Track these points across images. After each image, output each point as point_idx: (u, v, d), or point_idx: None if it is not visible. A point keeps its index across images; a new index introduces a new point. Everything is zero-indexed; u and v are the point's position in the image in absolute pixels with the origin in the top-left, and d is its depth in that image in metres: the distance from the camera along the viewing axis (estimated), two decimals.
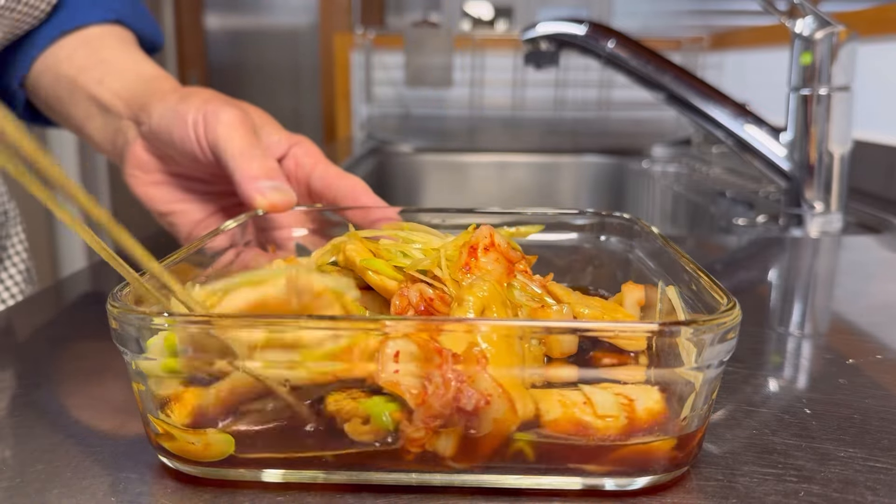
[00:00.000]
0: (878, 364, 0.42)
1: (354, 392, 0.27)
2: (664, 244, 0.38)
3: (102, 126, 0.55)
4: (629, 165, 1.45)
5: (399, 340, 0.26)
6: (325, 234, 0.47)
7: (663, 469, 0.28)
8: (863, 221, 0.85)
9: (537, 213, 0.46)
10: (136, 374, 0.28)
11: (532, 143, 1.70)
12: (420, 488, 0.28)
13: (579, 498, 0.28)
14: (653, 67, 0.87)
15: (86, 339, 0.46)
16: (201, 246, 0.38)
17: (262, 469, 0.28)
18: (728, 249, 0.73)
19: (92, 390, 0.37)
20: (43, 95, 0.60)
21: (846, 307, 0.55)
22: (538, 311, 0.32)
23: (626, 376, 0.28)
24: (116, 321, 0.28)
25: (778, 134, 0.83)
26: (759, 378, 0.40)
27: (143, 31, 0.62)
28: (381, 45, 1.86)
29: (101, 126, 0.55)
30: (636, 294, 0.38)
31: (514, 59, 1.83)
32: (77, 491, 0.28)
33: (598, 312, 0.35)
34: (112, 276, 0.61)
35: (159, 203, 0.52)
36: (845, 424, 0.34)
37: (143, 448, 0.31)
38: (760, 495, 0.28)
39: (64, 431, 0.33)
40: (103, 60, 0.56)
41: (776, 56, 1.35)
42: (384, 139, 1.66)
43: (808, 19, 0.78)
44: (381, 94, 1.89)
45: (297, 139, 0.51)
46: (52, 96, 0.58)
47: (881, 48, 1.04)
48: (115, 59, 0.56)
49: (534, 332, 0.29)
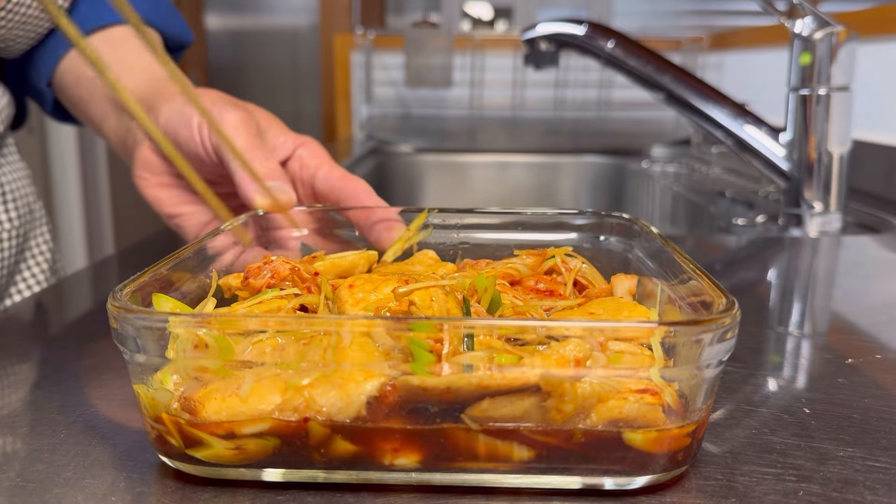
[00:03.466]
0: (878, 364, 0.42)
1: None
2: (664, 244, 0.38)
3: (116, 126, 0.56)
4: (629, 165, 1.45)
5: None
6: (325, 234, 0.47)
7: (661, 468, 0.28)
8: (862, 221, 0.85)
9: (537, 212, 0.46)
10: (138, 375, 0.28)
11: (532, 143, 1.70)
12: (420, 488, 0.28)
13: (579, 497, 0.28)
14: (652, 67, 0.87)
15: (86, 338, 0.46)
16: (202, 246, 0.38)
17: (262, 469, 0.28)
18: (727, 249, 0.73)
19: (92, 390, 0.37)
20: (68, 94, 0.62)
21: (845, 307, 0.55)
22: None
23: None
24: (116, 321, 0.28)
25: (777, 134, 0.83)
26: (759, 378, 0.40)
27: (168, 30, 0.63)
28: (381, 45, 1.86)
29: (115, 126, 0.56)
30: (626, 284, 0.38)
31: (513, 59, 1.83)
32: (77, 491, 0.28)
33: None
34: (112, 276, 0.61)
35: (167, 205, 0.52)
36: (844, 424, 0.34)
37: (144, 448, 0.31)
38: (760, 495, 0.28)
39: (64, 431, 0.33)
40: (121, 61, 0.57)
41: (775, 56, 1.35)
42: (384, 139, 1.66)
43: (808, 19, 0.78)
44: (381, 95, 1.89)
45: (302, 140, 0.51)
46: (76, 96, 0.60)
47: (881, 48, 1.04)
48: (132, 60, 0.57)
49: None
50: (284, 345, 0.28)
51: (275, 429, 0.27)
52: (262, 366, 0.28)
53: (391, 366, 0.27)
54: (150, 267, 0.33)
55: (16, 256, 0.68)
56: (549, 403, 0.27)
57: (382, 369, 0.27)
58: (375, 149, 1.59)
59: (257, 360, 0.28)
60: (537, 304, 0.35)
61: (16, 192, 0.67)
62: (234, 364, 0.28)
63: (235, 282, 0.38)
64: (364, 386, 0.27)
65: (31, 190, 0.71)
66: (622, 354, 0.28)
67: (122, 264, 0.66)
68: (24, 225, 0.68)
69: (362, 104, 1.89)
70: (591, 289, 0.39)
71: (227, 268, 0.41)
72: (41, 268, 0.71)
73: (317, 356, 0.27)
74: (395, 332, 0.27)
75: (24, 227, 0.68)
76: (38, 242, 0.72)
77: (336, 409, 0.27)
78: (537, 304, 0.35)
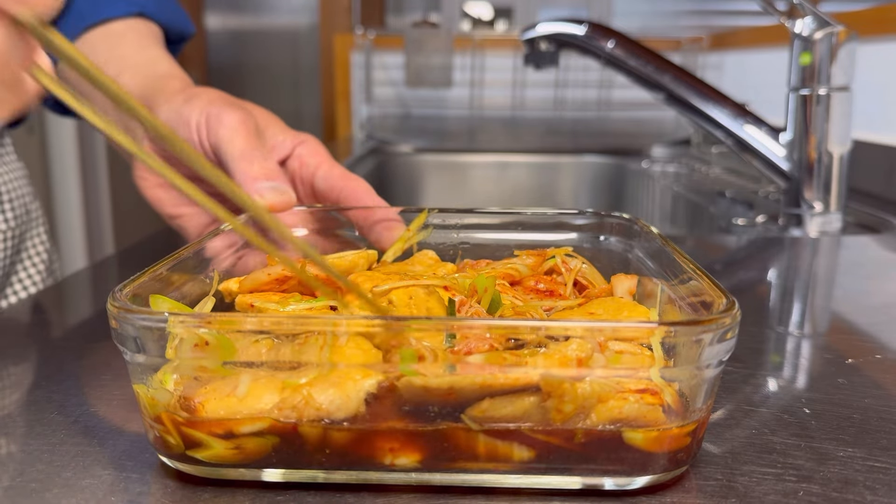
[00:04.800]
0: (878, 364, 0.42)
1: None
2: (664, 244, 0.38)
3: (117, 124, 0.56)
4: (629, 165, 1.45)
5: None
6: (326, 234, 0.47)
7: (661, 468, 0.28)
8: (862, 221, 0.85)
9: (537, 213, 0.46)
10: (137, 375, 0.28)
11: (532, 143, 1.70)
12: (420, 488, 0.28)
13: (579, 497, 0.28)
14: (652, 68, 0.87)
15: (86, 338, 0.46)
16: (201, 246, 0.38)
17: (262, 469, 0.28)
18: (728, 249, 0.73)
19: (91, 390, 0.37)
20: (69, 90, 0.61)
21: (845, 307, 0.55)
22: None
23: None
24: (116, 321, 0.28)
25: (777, 134, 0.83)
26: (759, 378, 0.40)
27: (168, 23, 0.63)
28: (381, 45, 1.86)
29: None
30: (626, 284, 0.38)
31: (513, 59, 1.83)
32: (77, 491, 0.28)
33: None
34: (112, 276, 0.61)
35: (168, 206, 0.52)
36: (844, 424, 0.34)
37: (144, 448, 0.31)
38: (760, 495, 0.28)
39: (64, 431, 0.33)
40: (122, 56, 0.57)
41: (776, 56, 1.35)
42: (384, 139, 1.66)
43: (808, 19, 0.78)
44: (381, 95, 1.89)
45: (302, 138, 0.51)
46: (77, 90, 0.60)
47: (881, 48, 1.04)
48: (132, 55, 0.57)
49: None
50: (279, 345, 0.28)
51: (273, 428, 0.27)
52: (261, 366, 0.28)
53: (385, 368, 0.27)
54: (150, 267, 0.33)
55: (12, 258, 0.67)
56: (550, 404, 0.27)
57: (379, 368, 0.27)
58: (375, 149, 1.59)
59: (256, 359, 0.28)
60: (537, 305, 0.35)
61: (12, 193, 0.67)
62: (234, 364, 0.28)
63: (235, 286, 0.38)
64: (363, 384, 0.27)
65: (29, 190, 0.71)
66: (622, 354, 0.28)
67: (121, 264, 0.66)
68: (20, 226, 0.68)
69: (362, 104, 1.89)
70: (591, 289, 0.39)
71: (227, 270, 0.41)
72: (37, 269, 0.71)
73: (313, 356, 0.27)
74: (389, 331, 0.27)
75: (21, 228, 0.68)
76: (35, 243, 0.72)
77: (335, 407, 0.27)
78: (537, 305, 0.35)
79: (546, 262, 0.40)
